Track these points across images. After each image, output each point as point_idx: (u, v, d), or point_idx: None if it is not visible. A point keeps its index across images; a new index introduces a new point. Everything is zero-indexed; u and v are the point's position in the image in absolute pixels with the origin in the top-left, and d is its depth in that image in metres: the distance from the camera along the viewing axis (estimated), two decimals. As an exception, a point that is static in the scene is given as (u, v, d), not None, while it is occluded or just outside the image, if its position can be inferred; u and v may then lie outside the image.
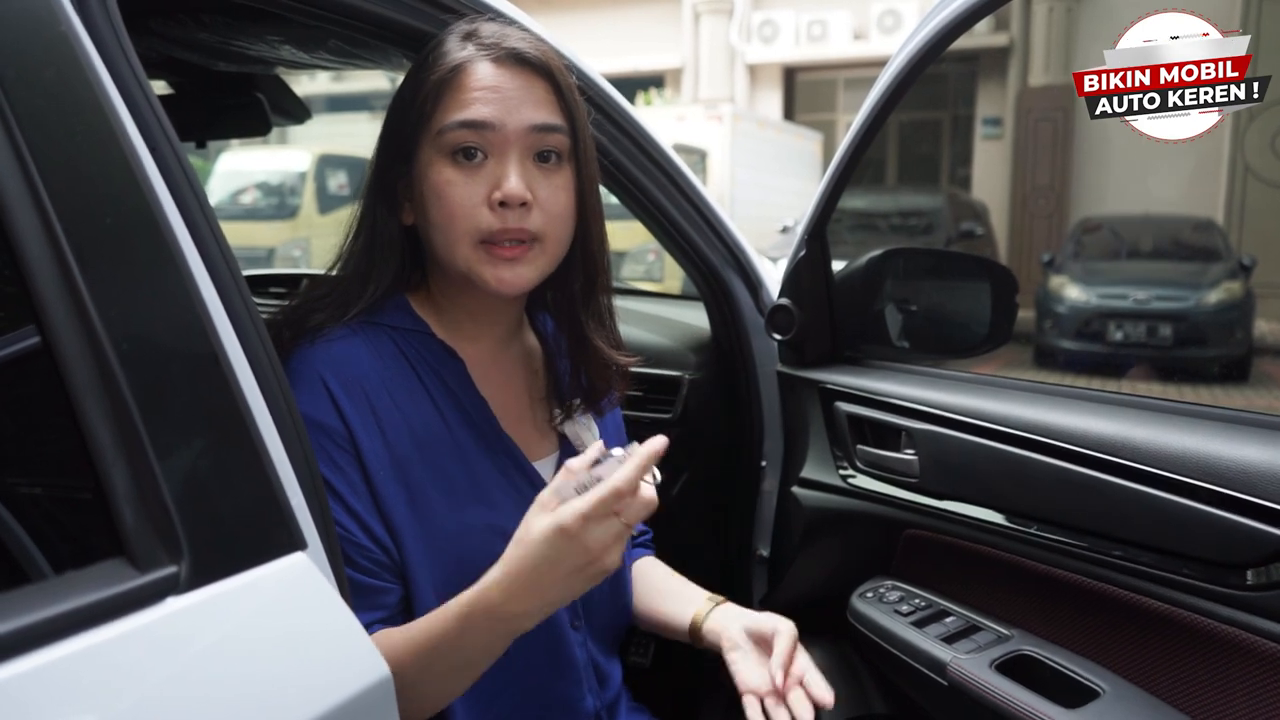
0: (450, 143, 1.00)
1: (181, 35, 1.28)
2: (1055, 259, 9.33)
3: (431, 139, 1.01)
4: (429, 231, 1.04)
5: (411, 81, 1.05)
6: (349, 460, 0.99)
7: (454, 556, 1.02)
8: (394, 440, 1.01)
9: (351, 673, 0.73)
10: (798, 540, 1.56)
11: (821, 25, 15.08)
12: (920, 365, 1.52)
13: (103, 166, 0.69)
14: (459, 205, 1.00)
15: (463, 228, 1.00)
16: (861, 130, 1.41)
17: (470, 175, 1.00)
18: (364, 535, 0.99)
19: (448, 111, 1.00)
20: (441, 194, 1.00)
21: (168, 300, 0.70)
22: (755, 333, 1.66)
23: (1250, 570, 1.00)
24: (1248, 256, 8.87)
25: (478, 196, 1.00)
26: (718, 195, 11.11)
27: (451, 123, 1.00)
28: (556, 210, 1.03)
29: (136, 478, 0.63)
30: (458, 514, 1.03)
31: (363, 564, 0.98)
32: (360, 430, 1.00)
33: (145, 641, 0.61)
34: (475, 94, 1.00)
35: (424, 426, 1.04)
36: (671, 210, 1.53)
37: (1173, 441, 1.08)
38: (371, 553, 0.99)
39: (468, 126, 0.99)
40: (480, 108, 1.00)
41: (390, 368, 1.05)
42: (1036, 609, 1.27)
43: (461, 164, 1.00)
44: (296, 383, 0.98)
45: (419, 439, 1.03)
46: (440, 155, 1.01)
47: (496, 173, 1.00)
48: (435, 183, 1.01)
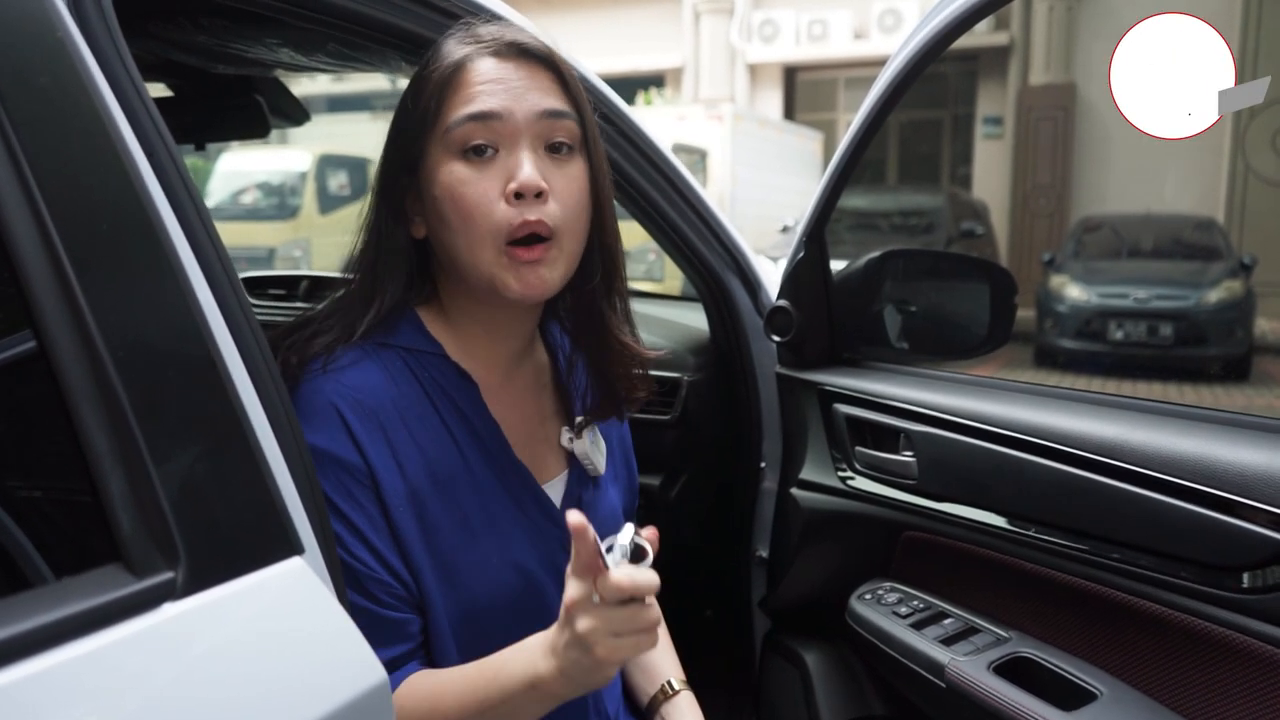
0: (459, 139, 0.97)
1: (180, 38, 1.28)
2: (1056, 258, 9.33)
3: (439, 139, 0.98)
4: (448, 238, 1.00)
5: (413, 87, 1.03)
6: (368, 496, 0.97)
7: (468, 590, 1.01)
8: (411, 474, 0.99)
9: (348, 677, 0.73)
10: (796, 542, 1.56)
11: (822, 25, 15.08)
12: (919, 367, 1.52)
13: (99, 172, 0.69)
14: (475, 203, 0.96)
15: (483, 227, 0.97)
16: (861, 130, 1.41)
17: (483, 171, 0.97)
18: (385, 572, 0.97)
19: (453, 108, 0.98)
20: (455, 193, 0.97)
21: (164, 305, 0.70)
22: (754, 334, 1.66)
23: (1247, 573, 1.00)
24: (1248, 255, 8.87)
25: (493, 191, 0.97)
26: (718, 195, 11.17)
27: (458, 118, 0.97)
28: (572, 202, 1.00)
29: (133, 483, 0.63)
30: (471, 549, 1.02)
31: (386, 599, 0.97)
32: (378, 464, 0.97)
33: (142, 647, 0.61)
34: (480, 87, 0.98)
35: (439, 459, 1.01)
36: (670, 212, 1.53)
37: (1170, 444, 1.08)
38: (394, 589, 0.97)
39: (475, 119, 0.97)
40: (487, 99, 0.97)
41: (406, 395, 1.02)
42: (1034, 611, 1.27)
43: (473, 160, 0.97)
44: (309, 415, 0.95)
45: (434, 473, 1.01)
46: (450, 154, 0.98)
47: (509, 165, 0.97)
48: (447, 183, 0.98)
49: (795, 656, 1.62)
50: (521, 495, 1.07)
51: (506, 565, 1.02)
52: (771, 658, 1.67)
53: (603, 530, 1.12)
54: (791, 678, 1.61)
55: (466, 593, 1.01)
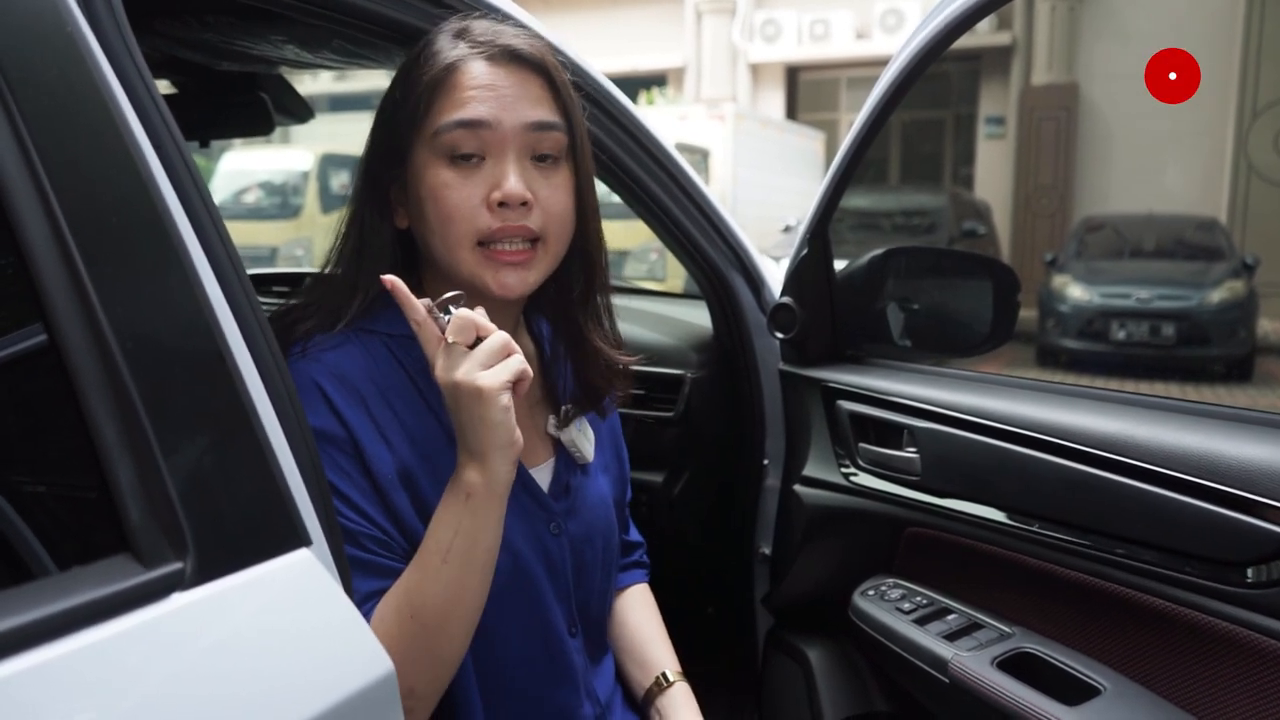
0: (446, 144, 0.98)
1: (185, 35, 1.29)
2: (1058, 258, 9.33)
3: (426, 141, 0.99)
4: (426, 236, 1.02)
5: (402, 81, 1.03)
6: (355, 466, 0.97)
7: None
8: (400, 451, 1.00)
9: (356, 668, 0.73)
10: (800, 538, 1.57)
11: (824, 24, 15.08)
12: (922, 364, 1.52)
13: (108, 166, 0.69)
14: (457, 208, 0.98)
15: (462, 230, 0.99)
16: (863, 130, 1.41)
17: (468, 176, 0.99)
18: (379, 531, 0.97)
19: (442, 112, 0.98)
20: (439, 197, 0.99)
21: (173, 298, 0.70)
22: (757, 331, 1.66)
23: (1251, 568, 1.00)
24: (1251, 255, 8.87)
25: (476, 198, 0.98)
26: (720, 194, 11.10)
27: (447, 123, 0.98)
28: (556, 210, 1.02)
29: (142, 474, 0.64)
30: None
31: (377, 550, 0.96)
32: (363, 437, 0.98)
33: (151, 637, 0.62)
34: (470, 93, 0.98)
35: (426, 439, 1.02)
36: (673, 209, 1.54)
37: (1174, 439, 1.08)
38: (388, 543, 0.97)
39: (464, 126, 0.98)
40: (476, 106, 0.98)
41: (388, 377, 1.02)
42: (1038, 607, 1.27)
43: (459, 165, 0.99)
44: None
45: (421, 449, 1.01)
46: (436, 157, 0.99)
47: (495, 173, 0.99)
48: (432, 185, 0.99)
49: (798, 653, 1.62)
50: None
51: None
52: (774, 654, 1.67)
53: (591, 518, 1.14)
54: (794, 674, 1.62)
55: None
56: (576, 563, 1.13)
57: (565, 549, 1.11)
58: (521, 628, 1.06)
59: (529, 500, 1.08)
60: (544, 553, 1.08)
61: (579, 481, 1.16)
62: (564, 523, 1.11)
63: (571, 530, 1.12)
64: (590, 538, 1.14)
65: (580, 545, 1.13)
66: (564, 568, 1.11)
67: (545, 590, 1.08)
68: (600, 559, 1.17)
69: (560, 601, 1.11)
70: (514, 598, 1.05)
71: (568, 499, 1.13)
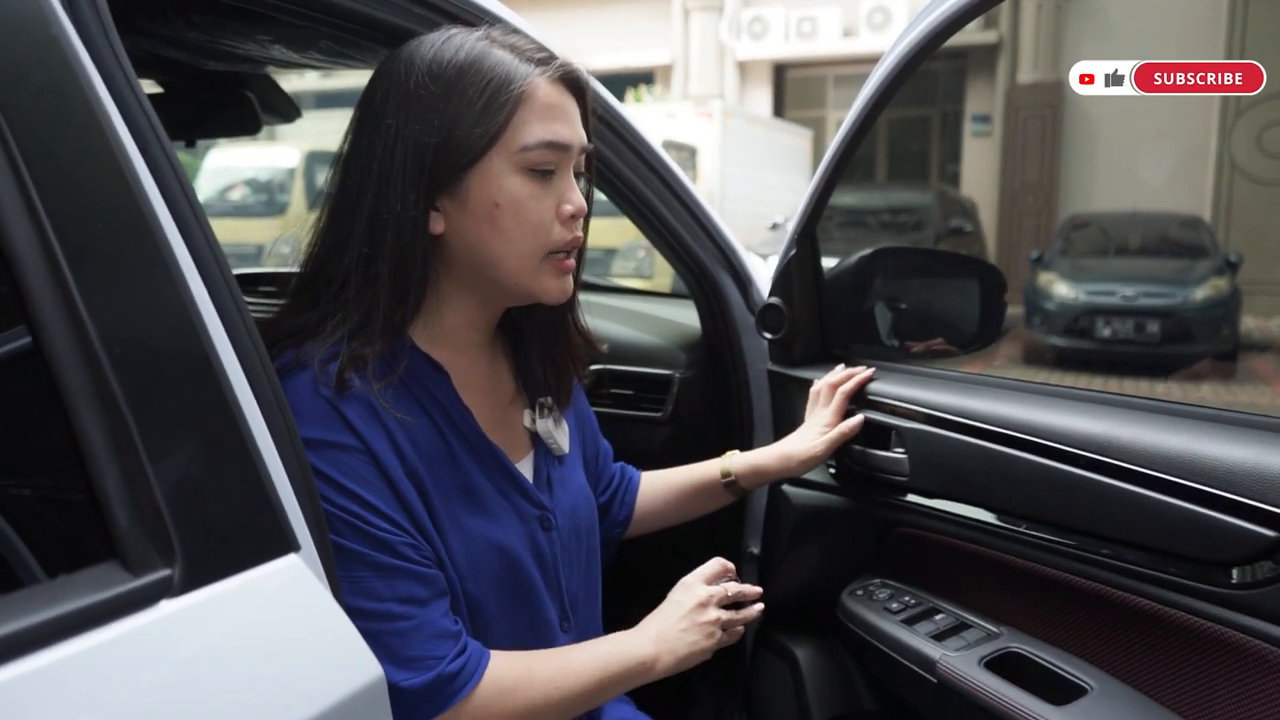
0: (531, 160, 1.02)
1: (171, 34, 1.28)
2: (1044, 256, 9.36)
3: (508, 152, 1.01)
4: (488, 242, 1.02)
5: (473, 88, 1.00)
6: (375, 473, 0.97)
7: (458, 571, 1.02)
8: (408, 455, 1.00)
9: (345, 675, 0.73)
10: (788, 538, 1.57)
11: (811, 22, 15.10)
12: (909, 364, 1.53)
13: (94, 168, 0.69)
14: (541, 219, 1.03)
15: (540, 241, 1.04)
16: (853, 128, 1.41)
17: (545, 190, 1.03)
18: (410, 536, 0.97)
19: (528, 127, 1.01)
20: (522, 207, 1.02)
21: (159, 301, 0.70)
22: (745, 331, 1.66)
23: (1236, 568, 1.01)
24: (1234, 253, 8.93)
25: (550, 212, 1.04)
26: (708, 192, 11.16)
27: (537, 141, 1.01)
28: (586, 221, 1.11)
29: (129, 480, 0.63)
30: (461, 528, 1.03)
31: (418, 558, 0.97)
32: (376, 446, 0.98)
33: (139, 645, 0.61)
34: (552, 113, 1.03)
35: (425, 443, 1.03)
36: (661, 208, 1.53)
37: (1158, 440, 1.09)
38: (423, 548, 0.98)
39: (551, 147, 1.02)
40: (560, 128, 1.03)
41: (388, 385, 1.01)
42: (1025, 607, 1.28)
43: (539, 179, 1.03)
44: (301, 410, 0.94)
45: (424, 455, 1.02)
46: (515, 168, 1.01)
47: (561, 188, 1.05)
48: (515, 196, 1.01)
49: (786, 652, 1.62)
50: (499, 477, 1.09)
51: (492, 545, 1.04)
52: (762, 653, 1.67)
53: (574, 510, 1.16)
54: (782, 673, 1.62)
55: (454, 573, 1.02)
56: (565, 556, 1.14)
57: (555, 543, 1.13)
58: (516, 625, 1.08)
59: (523, 500, 1.10)
60: (536, 550, 1.10)
61: (559, 474, 1.18)
62: (553, 517, 1.12)
63: (559, 524, 1.13)
64: (576, 529, 1.17)
65: (567, 538, 1.15)
66: (554, 562, 1.12)
67: (538, 587, 1.09)
68: (585, 548, 1.19)
69: (552, 597, 1.12)
70: (510, 596, 1.06)
71: (551, 493, 1.14)
